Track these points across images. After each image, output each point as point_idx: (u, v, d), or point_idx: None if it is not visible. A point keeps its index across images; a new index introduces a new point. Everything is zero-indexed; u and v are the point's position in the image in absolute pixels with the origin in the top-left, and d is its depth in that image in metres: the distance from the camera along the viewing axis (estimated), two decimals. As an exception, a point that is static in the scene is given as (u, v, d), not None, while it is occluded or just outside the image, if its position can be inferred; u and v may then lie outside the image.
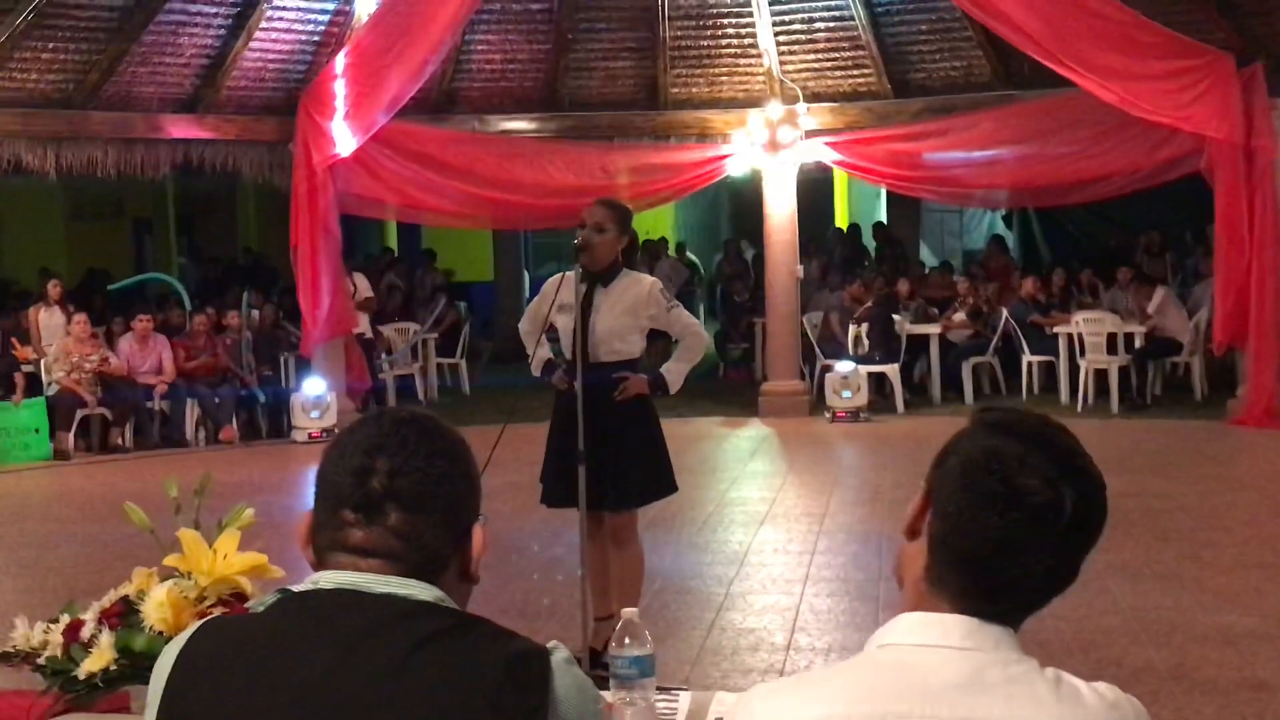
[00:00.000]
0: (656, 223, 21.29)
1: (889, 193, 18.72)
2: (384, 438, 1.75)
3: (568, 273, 5.73)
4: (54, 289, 13.45)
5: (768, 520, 8.76)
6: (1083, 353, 13.16)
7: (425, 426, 1.79)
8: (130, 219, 22.04)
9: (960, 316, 14.26)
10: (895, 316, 13.95)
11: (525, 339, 6.03)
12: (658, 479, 5.81)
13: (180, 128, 12.78)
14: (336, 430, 12.72)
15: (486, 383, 15.46)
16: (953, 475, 1.67)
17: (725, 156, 13.55)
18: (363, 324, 13.91)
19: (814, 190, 15.28)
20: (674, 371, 5.89)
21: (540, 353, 5.90)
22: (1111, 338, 13.18)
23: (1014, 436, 1.66)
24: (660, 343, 7.16)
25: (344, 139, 12.33)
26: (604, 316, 5.68)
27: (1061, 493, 1.61)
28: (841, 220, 21.38)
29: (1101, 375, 13.13)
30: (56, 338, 12.84)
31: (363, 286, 14.16)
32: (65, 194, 19.79)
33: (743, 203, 19.70)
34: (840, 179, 19.29)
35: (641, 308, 5.77)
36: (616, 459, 5.59)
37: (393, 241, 21.48)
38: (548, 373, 5.84)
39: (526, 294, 19.44)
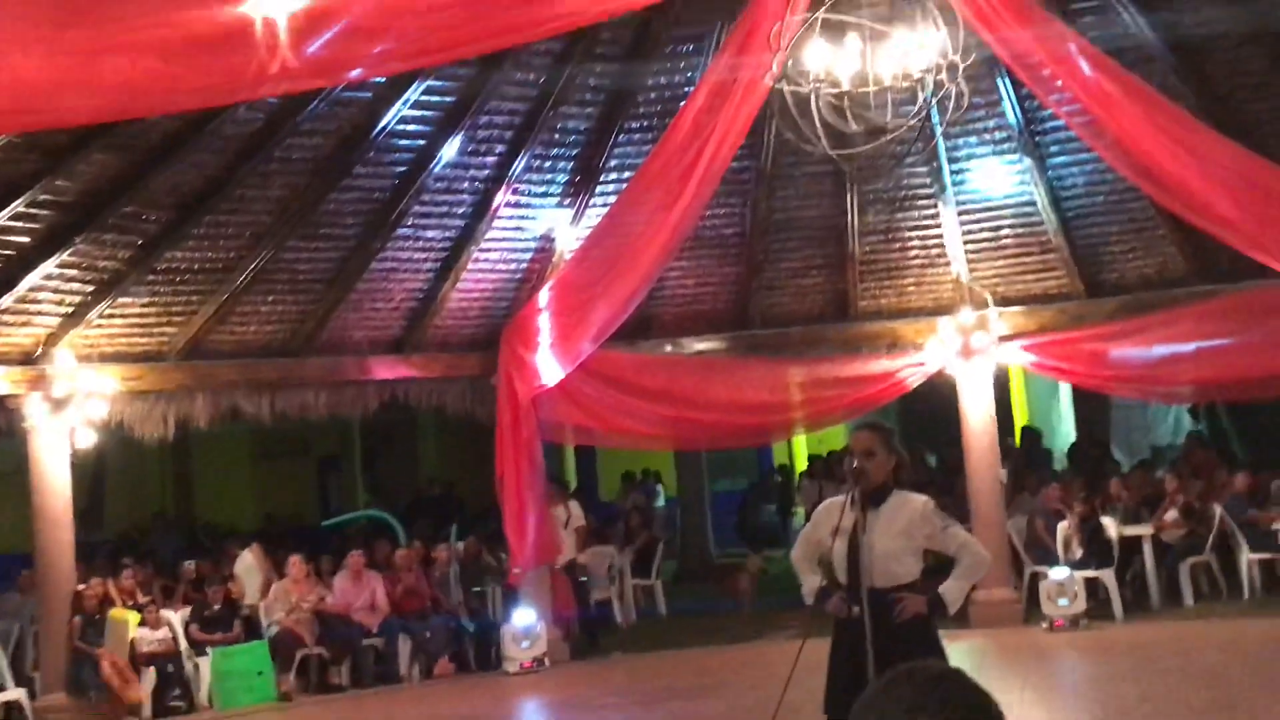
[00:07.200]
0: (828, 434, 21.19)
1: (1075, 391, 18.53)
2: (922, 697, 1.76)
3: (840, 498, 5.74)
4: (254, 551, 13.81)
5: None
6: (1307, 548, 12.66)
7: (960, 683, 1.80)
8: (315, 457, 22.66)
9: (1173, 515, 13.82)
10: (1105, 520, 13.62)
11: (797, 565, 6.01)
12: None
13: (386, 368, 13.17)
14: (547, 661, 12.71)
15: (681, 608, 15.36)
16: None
17: (919, 364, 13.52)
18: (573, 551, 13.96)
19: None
20: (953, 590, 5.80)
21: (812, 580, 5.86)
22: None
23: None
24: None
25: (549, 370, 12.59)
26: (879, 539, 5.64)
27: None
28: (1021, 419, 21.10)
29: (1332, 570, 12.60)
30: (252, 579, 13.15)
31: (576, 514, 14.23)
32: (252, 435, 20.40)
33: (911, 407, 19.54)
34: (1017, 379, 19.12)
35: (916, 528, 5.72)
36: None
37: (570, 465, 21.70)
38: (822, 600, 5.77)
39: (708, 511, 19.43)
